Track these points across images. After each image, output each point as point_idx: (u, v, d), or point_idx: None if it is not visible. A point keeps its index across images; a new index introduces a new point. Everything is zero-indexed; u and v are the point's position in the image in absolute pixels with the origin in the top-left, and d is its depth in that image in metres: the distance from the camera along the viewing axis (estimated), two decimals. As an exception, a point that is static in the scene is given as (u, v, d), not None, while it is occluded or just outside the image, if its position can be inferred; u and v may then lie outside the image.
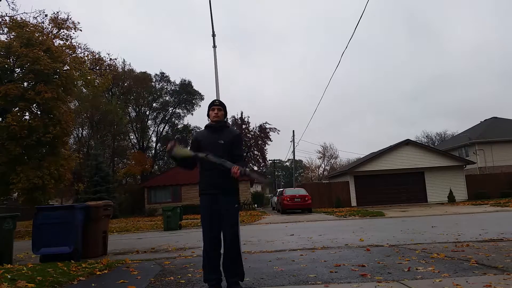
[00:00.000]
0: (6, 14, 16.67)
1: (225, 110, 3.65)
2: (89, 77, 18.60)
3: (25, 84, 15.83)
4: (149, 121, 42.57)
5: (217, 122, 3.55)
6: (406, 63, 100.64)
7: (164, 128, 42.85)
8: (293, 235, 9.00)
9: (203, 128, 3.79)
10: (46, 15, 17.82)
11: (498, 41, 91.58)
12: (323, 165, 66.16)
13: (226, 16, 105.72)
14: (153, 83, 41.86)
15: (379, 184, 25.06)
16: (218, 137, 3.46)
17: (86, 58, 18.80)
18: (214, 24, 8.03)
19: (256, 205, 32.57)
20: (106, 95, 37.56)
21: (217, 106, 3.58)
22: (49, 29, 17.97)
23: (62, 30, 18.12)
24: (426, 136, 59.10)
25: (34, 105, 15.58)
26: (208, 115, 3.63)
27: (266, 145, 45.44)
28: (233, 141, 3.49)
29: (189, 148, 3.64)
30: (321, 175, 62.78)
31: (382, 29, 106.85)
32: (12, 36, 16.01)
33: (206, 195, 3.41)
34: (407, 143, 25.68)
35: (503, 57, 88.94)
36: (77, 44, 18.68)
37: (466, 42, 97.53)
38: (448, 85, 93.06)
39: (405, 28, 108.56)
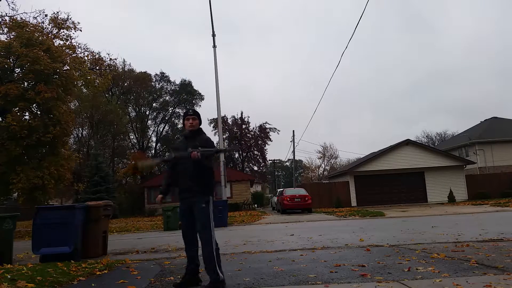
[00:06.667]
0: (6, 14, 16.69)
1: (200, 118, 3.89)
2: (89, 77, 18.57)
3: (25, 84, 15.81)
4: (149, 121, 42.57)
5: (192, 132, 3.82)
6: (406, 61, 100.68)
7: (164, 128, 42.88)
8: (293, 235, 9.00)
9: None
10: (46, 15, 17.79)
11: (498, 37, 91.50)
12: (323, 165, 66.24)
13: (222, 11, 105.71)
14: (153, 83, 41.87)
15: (379, 184, 25.05)
16: (192, 143, 3.67)
17: (86, 58, 18.76)
18: (214, 24, 8.04)
19: (256, 205, 32.56)
20: (106, 95, 37.54)
21: (192, 116, 3.84)
22: (49, 29, 17.95)
23: (62, 30, 18.09)
24: (426, 136, 59.16)
25: (34, 105, 15.57)
26: (184, 125, 3.87)
27: (266, 145, 45.53)
28: (204, 145, 3.69)
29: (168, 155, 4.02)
30: (321, 175, 62.80)
31: (381, 27, 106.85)
32: (12, 36, 16.00)
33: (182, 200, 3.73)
34: (407, 143, 25.68)
35: (503, 54, 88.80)
36: (77, 44, 18.68)
37: (465, 39, 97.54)
38: (449, 84, 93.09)
39: (405, 27, 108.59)
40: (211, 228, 3.57)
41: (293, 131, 43.63)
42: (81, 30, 19.57)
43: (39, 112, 15.95)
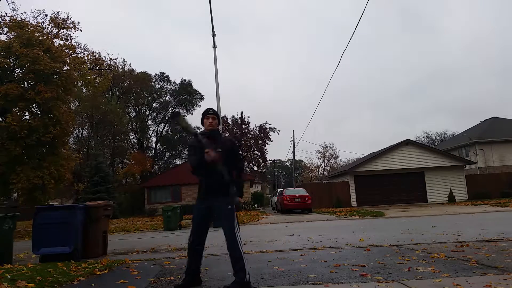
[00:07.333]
0: (6, 14, 16.68)
1: (219, 119, 3.81)
2: (89, 77, 18.57)
3: (25, 84, 15.80)
4: (149, 121, 42.58)
5: (212, 131, 3.67)
6: (406, 61, 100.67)
7: (164, 128, 42.86)
8: (293, 235, 9.00)
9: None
10: (46, 15, 17.78)
11: (498, 37, 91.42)
12: (323, 165, 66.26)
13: (223, 11, 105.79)
14: (153, 83, 41.86)
15: (379, 184, 25.05)
16: (215, 146, 3.53)
17: (86, 58, 18.75)
18: (214, 24, 8.05)
19: (256, 205, 32.55)
20: (106, 95, 37.54)
21: (212, 115, 3.71)
22: (49, 29, 17.94)
23: (62, 30, 18.08)
24: (426, 136, 59.12)
25: (34, 105, 15.56)
26: (202, 123, 3.73)
27: (266, 145, 45.43)
28: (232, 149, 3.67)
29: (188, 153, 3.81)
30: (321, 175, 62.81)
31: (381, 27, 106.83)
32: (12, 36, 16.00)
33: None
34: (407, 143, 25.68)
35: (503, 54, 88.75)
36: (77, 44, 18.67)
37: (465, 39, 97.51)
38: (449, 84, 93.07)
39: (404, 27, 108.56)
40: (238, 229, 3.57)
41: (293, 131, 43.58)
42: (81, 30, 19.58)
43: (39, 112, 15.94)
